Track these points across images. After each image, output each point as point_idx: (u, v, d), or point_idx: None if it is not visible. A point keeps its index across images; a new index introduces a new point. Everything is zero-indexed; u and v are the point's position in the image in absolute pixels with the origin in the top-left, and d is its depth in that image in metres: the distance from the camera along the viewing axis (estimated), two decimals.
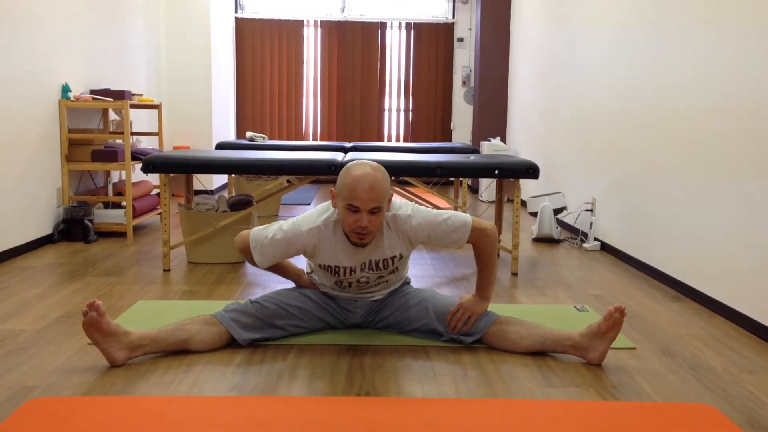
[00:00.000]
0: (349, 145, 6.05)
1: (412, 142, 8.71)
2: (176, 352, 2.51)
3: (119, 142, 5.48)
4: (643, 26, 4.07)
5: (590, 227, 4.79)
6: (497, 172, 3.84)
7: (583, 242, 4.90)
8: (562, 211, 5.12)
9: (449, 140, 9.19)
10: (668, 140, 3.72)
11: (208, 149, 6.07)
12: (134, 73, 6.32)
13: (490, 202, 7.39)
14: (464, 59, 9.05)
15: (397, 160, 3.91)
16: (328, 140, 8.96)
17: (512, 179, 3.97)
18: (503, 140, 7.88)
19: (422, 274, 3.94)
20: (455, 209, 3.98)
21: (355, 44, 8.99)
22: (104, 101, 4.86)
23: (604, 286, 3.71)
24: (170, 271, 3.90)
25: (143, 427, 1.91)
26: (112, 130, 5.51)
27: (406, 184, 8.34)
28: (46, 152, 4.58)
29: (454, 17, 9.02)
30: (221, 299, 3.30)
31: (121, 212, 4.94)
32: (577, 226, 5.18)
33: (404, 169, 3.87)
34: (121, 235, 5.00)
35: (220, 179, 7.96)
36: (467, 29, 8.99)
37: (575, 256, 4.51)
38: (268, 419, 1.98)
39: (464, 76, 9.02)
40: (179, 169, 3.83)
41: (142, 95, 5.70)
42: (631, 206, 4.22)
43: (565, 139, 5.67)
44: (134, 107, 5.27)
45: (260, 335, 2.60)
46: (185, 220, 4.10)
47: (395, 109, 9.18)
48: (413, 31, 9.02)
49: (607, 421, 2.01)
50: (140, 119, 6.40)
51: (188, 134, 7.60)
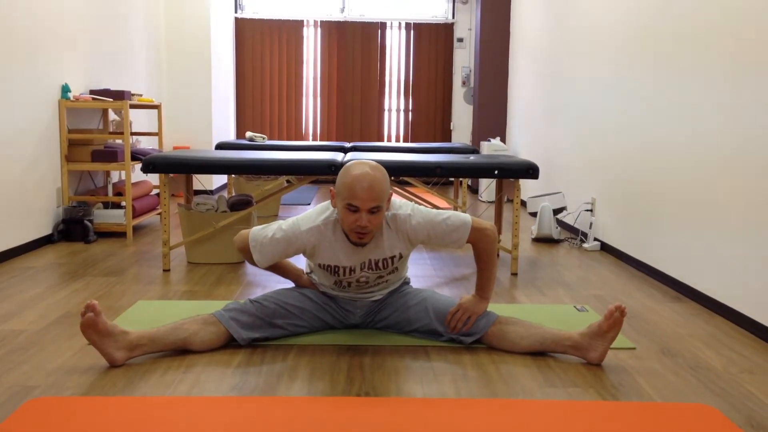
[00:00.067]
0: (348, 145, 6.05)
1: (411, 142, 8.72)
2: (176, 352, 2.51)
3: (119, 142, 5.48)
4: (642, 26, 4.07)
5: (590, 227, 4.79)
6: (497, 172, 3.84)
7: (582, 242, 4.90)
8: (561, 211, 5.12)
9: (449, 140, 9.19)
10: (668, 140, 3.72)
11: (207, 149, 6.07)
12: (134, 73, 6.32)
13: (489, 202, 7.40)
14: (464, 59, 9.05)
15: (396, 160, 3.91)
16: (327, 140, 8.95)
17: (512, 179, 3.97)
18: (503, 140, 7.89)
19: (422, 274, 3.94)
20: (455, 209, 3.98)
21: (354, 44, 9.00)
22: (104, 101, 4.86)
23: (603, 286, 3.71)
24: (170, 271, 3.90)
25: (143, 427, 1.91)
26: (111, 130, 5.51)
27: (405, 184, 8.34)
28: (45, 152, 4.58)
29: (453, 17, 9.02)
30: (221, 299, 3.30)
31: (120, 212, 4.94)
32: (576, 226, 5.18)
33: (404, 169, 3.87)
34: (120, 235, 5.00)
35: (219, 179, 7.96)
36: (467, 29, 8.99)
37: (575, 256, 4.51)
38: (268, 419, 1.98)
39: (464, 76, 9.02)
40: (179, 169, 3.83)
41: (141, 95, 5.70)
42: (630, 206, 4.22)
43: (564, 139, 5.67)
44: (134, 107, 5.27)
45: (260, 334, 2.60)
46: (185, 220, 4.10)
47: (395, 109, 9.18)
48: (413, 31, 9.02)
49: (607, 421, 2.01)
50: (140, 119, 6.40)
51: (188, 134, 7.60)
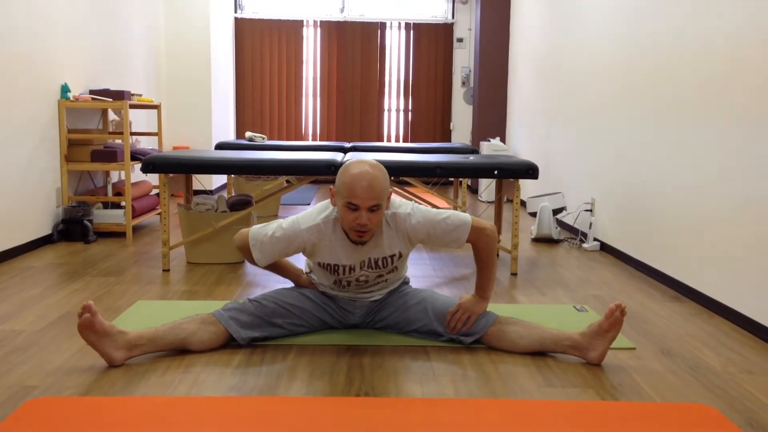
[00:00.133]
0: (348, 145, 6.05)
1: (411, 142, 8.72)
2: (175, 352, 2.51)
3: (118, 142, 5.48)
4: (643, 25, 4.07)
5: (590, 227, 4.79)
6: (497, 172, 3.84)
7: (582, 242, 4.90)
8: (561, 211, 5.12)
9: (449, 140, 9.19)
10: (668, 140, 3.72)
11: (207, 149, 6.07)
12: (133, 73, 6.32)
13: (489, 202, 7.39)
14: (464, 59, 9.05)
15: (396, 160, 3.91)
16: (327, 140, 8.95)
17: (512, 179, 3.97)
18: (503, 140, 7.89)
19: (421, 274, 3.94)
20: (455, 209, 3.98)
21: (354, 44, 9.00)
22: (103, 101, 4.85)
23: (603, 286, 3.71)
24: (169, 271, 3.90)
25: (143, 427, 1.91)
26: (111, 130, 5.51)
27: (405, 184, 8.34)
28: (45, 152, 4.58)
29: (453, 17, 9.02)
30: (221, 299, 3.30)
31: (120, 212, 4.94)
32: (576, 226, 5.18)
33: (404, 169, 3.87)
34: (120, 235, 5.00)
35: (219, 179, 7.96)
36: (467, 29, 8.99)
37: (574, 256, 4.51)
38: (267, 420, 1.98)
39: (464, 76, 9.02)
40: (178, 169, 3.83)
41: (141, 95, 5.70)
42: (630, 206, 4.22)
43: (564, 139, 5.67)
44: (133, 107, 5.27)
45: (259, 334, 2.60)
46: (185, 220, 4.10)
47: (395, 109, 9.18)
48: (413, 31, 9.02)
49: (606, 421, 2.01)
50: (139, 119, 6.40)
51: (188, 134, 7.60)
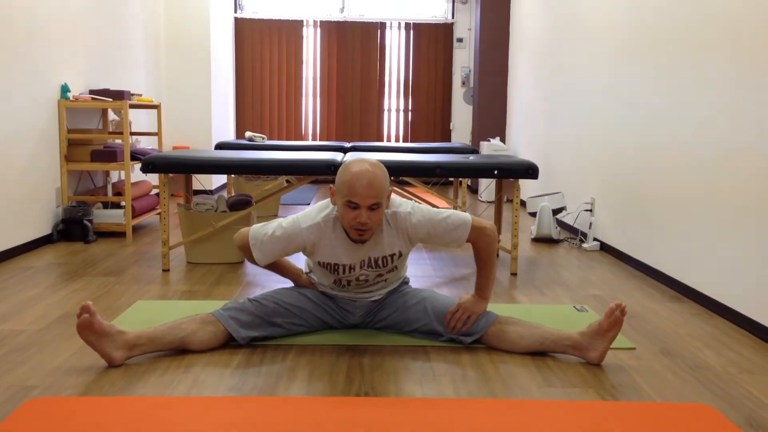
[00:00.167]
0: (348, 145, 6.05)
1: (411, 142, 8.71)
2: (175, 352, 2.51)
3: (118, 142, 5.47)
4: (642, 26, 4.07)
5: (589, 227, 4.79)
6: (496, 172, 3.84)
7: (582, 242, 4.90)
8: (561, 211, 5.12)
9: (449, 140, 9.19)
10: (668, 140, 3.72)
11: (207, 149, 6.07)
12: (133, 73, 6.32)
13: (489, 202, 7.39)
14: (464, 59, 9.05)
15: (396, 160, 3.91)
16: (327, 140, 8.95)
17: (512, 179, 3.97)
18: (503, 140, 7.88)
19: (421, 274, 3.94)
20: (455, 209, 3.98)
21: (354, 44, 8.99)
22: (103, 101, 4.85)
23: (603, 286, 3.71)
24: (169, 271, 3.90)
25: (142, 427, 1.91)
26: (111, 130, 5.50)
27: (405, 184, 8.34)
28: (45, 152, 4.58)
29: (453, 17, 9.02)
30: (220, 299, 3.30)
31: (120, 212, 4.94)
32: (576, 226, 5.18)
33: (404, 169, 3.87)
34: (120, 235, 5.00)
35: (219, 179, 7.96)
36: (467, 29, 8.99)
37: (574, 256, 4.51)
38: (267, 420, 1.98)
39: (464, 76, 9.02)
40: (178, 169, 3.82)
41: (141, 95, 5.70)
42: (630, 206, 4.22)
43: (564, 139, 5.67)
44: (133, 107, 5.27)
45: (259, 333, 2.60)
46: (184, 220, 4.10)
47: (395, 109, 9.18)
48: (413, 31, 9.02)
49: (606, 421, 2.01)
50: (139, 119, 6.40)
51: (187, 134, 7.60)
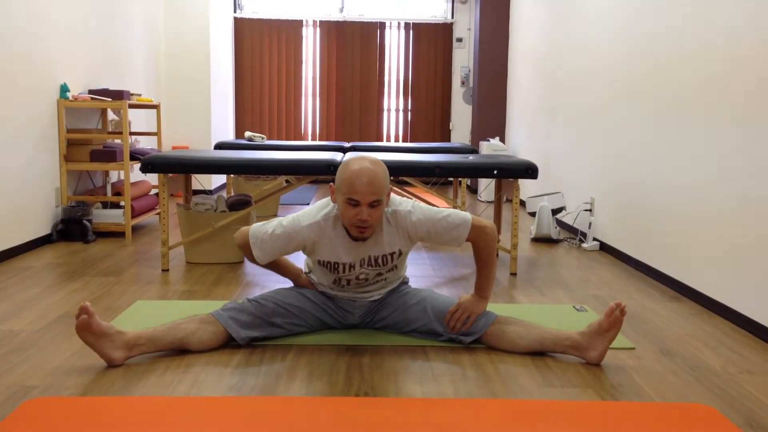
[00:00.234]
0: (348, 145, 6.05)
1: (411, 142, 8.71)
2: (175, 352, 2.51)
3: (118, 142, 5.47)
4: (642, 26, 4.07)
5: (589, 227, 4.79)
6: (496, 172, 3.84)
7: (582, 242, 4.90)
8: (561, 211, 5.12)
9: (448, 140, 9.19)
10: (668, 140, 3.72)
11: (206, 149, 6.07)
12: (133, 72, 6.32)
13: (489, 202, 7.40)
14: (463, 59, 9.05)
15: (396, 160, 3.91)
16: (327, 140, 8.95)
17: (511, 179, 3.97)
18: (502, 140, 7.88)
19: (421, 274, 3.94)
20: (454, 209, 3.98)
21: (354, 44, 8.99)
22: (103, 101, 4.85)
23: (603, 286, 3.71)
24: (169, 271, 3.90)
25: (142, 427, 1.91)
26: (110, 130, 5.50)
27: (405, 184, 8.33)
28: (44, 152, 4.57)
29: (453, 17, 9.02)
30: (220, 299, 3.29)
31: (119, 212, 4.94)
32: (576, 226, 5.18)
33: (403, 169, 3.86)
34: (119, 235, 4.99)
35: (218, 179, 7.95)
36: (466, 29, 8.99)
37: (574, 256, 4.51)
38: (266, 420, 1.97)
39: (463, 76, 9.02)
40: (178, 169, 3.82)
41: (140, 95, 5.69)
42: (630, 206, 4.22)
43: (564, 139, 5.67)
44: (133, 107, 5.27)
45: (258, 333, 2.59)
46: (184, 220, 4.09)
47: (394, 109, 9.18)
48: (412, 31, 9.02)
49: (606, 421, 2.01)
50: (139, 119, 6.40)
51: (187, 134, 7.59)
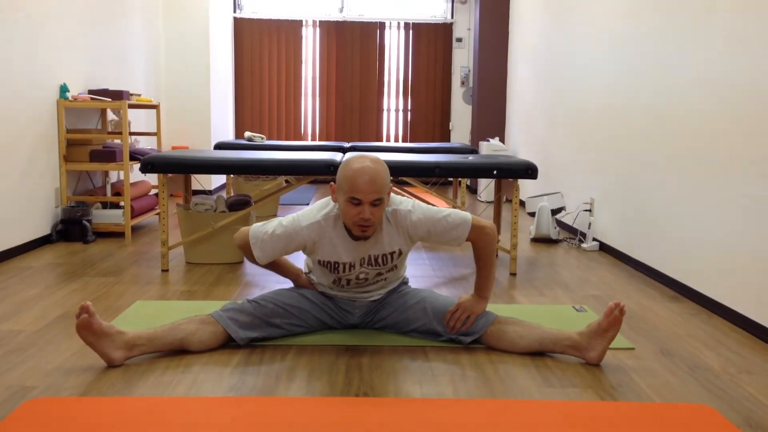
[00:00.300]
0: (347, 145, 6.05)
1: (410, 142, 8.71)
2: (174, 352, 2.51)
3: (117, 142, 5.47)
4: (642, 26, 4.07)
5: (589, 227, 4.79)
6: (496, 172, 3.84)
7: (581, 242, 4.90)
8: (560, 211, 5.12)
9: (448, 140, 9.19)
10: (667, 140, 3.72)
11: (206, 149, 6.07)
12: (133, 73, 6.32)
13: (488, 202, 7.40)
14: (463, 59, 9.05)
15: (395, 160, 3.91)
16: (326, 140, 8.95)
17: (511, 179, 3.97)
18: (502, 140, 7.89)
19: (420, 274, 3.94)
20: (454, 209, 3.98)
21: (353, 44, 8.99)
22: (102, 101, 4.85)
23: (602, 286, 3.71)
24: (168, 271, 3.90)
25: (141, 427, 1.91)
26: (110, 130, 5.50)
27: (404, 184, 8.34)
28: (44, 152, 4.57)
29: (452, 17, 9.03)
30: (219, 299, 3.30)
31: (119, 212, 4.94)
32: (575, 226, 5.18)
33: (403, 169, 3.86)
34: (119, 235, 4.99)
35: (218, 179, 7.95)
36: (466, 29, 8.99)
37: (574, 256, 4.51)
38: (266, 420, 1.98)
39: (463, 76, 9.02)
40: (178, 169, 3.82)
41: (140, 95, 5.69)
42: (629, 206, 4.22)
43: (563, 139, 5.67)
44: (132, 107, 5.27)
45: (258, 334, 2.60)
46: (184, 220, 4.10)
47: (394, 109, 9.18)
48: (412, 31, 9.02)
49: (605, 421, 2.01)
50: (138, 119, 6.40)
51: (187, 134, 7.59)
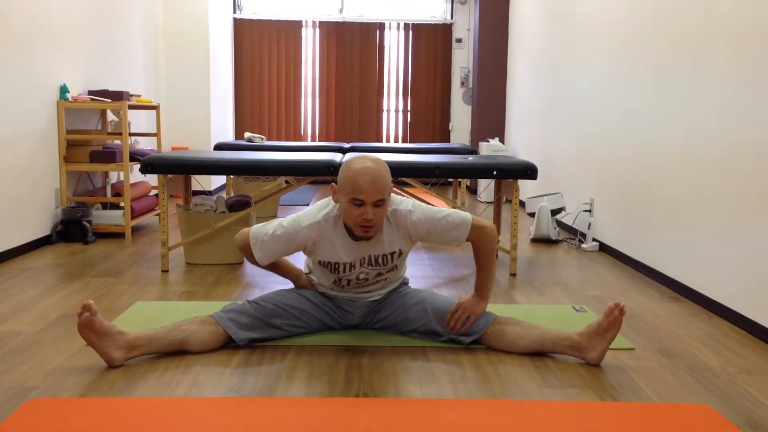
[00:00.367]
0: (347, 145, 6.05)
1: (410, 142, 8.72)
2: (174, 353, 2.51)
3: (117, 142, 5.47)
4: (642, 26, 4.07)
5: (588, 228, 4.79)
6: (496, 172, 3.84)
7: (581, 243, 4.90)
8: (560, 211, 5.12)
9: (448, 141, 9.19)
10: (666, 140, 3.72)
11: (206, 150, 6.07)
12: (132, 73, 6.32)
13: (488, 202, 7.40)
14: (462, 60, 9.05)
15: (395, 160, 3.91)
16: (326, 141, 8.96)
17: (511, 180, 3.97)
18: (502, 141, 7.89)
19: (420, 274, 3.94)
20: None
21: (353, 45, 9.00)
22: (102, 102, 4.85)
23: (602, 286, 3.71)
24: (168, 271, 3.90)
25: (141, 428, 1.91)
26: (110, 130, 5.50)
27: (404, 184, 8.34)
28: (44, 153, 4.57)
29: (452, 18, 9.03)
30: (219, 300, 3.30)
31: (119, 213, 4.94)
32: (575, 226, 5.18)
33: (403, 169, 3.87)
34: (119, 236, 4.99)
35: (218, 180, 7.95)
36: (465, 30, 8.99)
37: (573, 256, 4.51)
38: (266, 420, 1.98)
39: (462, 76, 9.03)
40: (178, 169, 3.82)
41: (140, 96, 5.69)
42: (629, 207, 4.23)
43: (563, 139, 5.68)
44: (132, 108, 5.27)
45: (258, 335, 2.60)
46: (184, 220, 4.10)
47: (393, 109, 9.18)
48: (411, 31, 9.02)
49: (605, 421, 2.01)
50: (138, 120, 6.40)
51: (186, 135, 7.59)
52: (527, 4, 6.91)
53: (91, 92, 5.06)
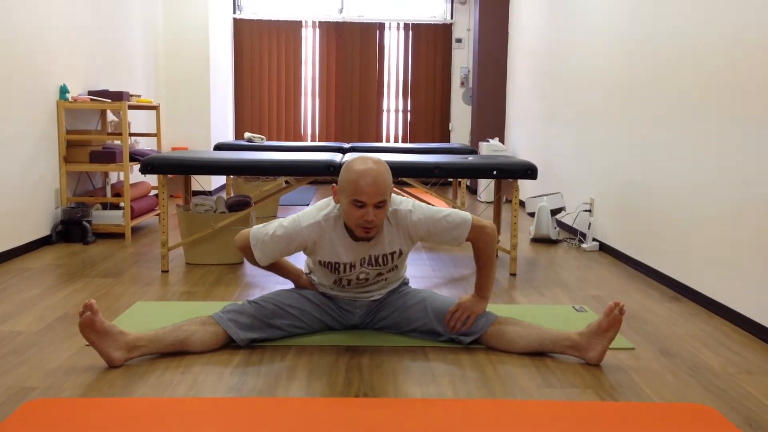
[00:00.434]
0: (347, 145, 6.05)
1: (410, 142, 8.72)
2: (174, 353, 2.51)
3: (117, 143, 5.47)
4: (642, 26, 4.07)
5: (588, 227, 4.79)
6: (495, 172, 3.84)
7: (581, 242, 4.90)
8: (560, 211, 5.12)
9: (448, 141, 9.19)
10: (666, 140, 3.72)
11: (206, 150, 6.07)
12: (132, 74, 6.32)
13: (488, 202, 7.40)
14: (462, 60, 9.05)
15: (395, 160, 3.91)
16: (326, 141, 8.96)
17: (511, 180, 3.97)
18: (502, 141, 7.89)
19: (421, 274, 3.94)
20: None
21: (353, 45, 9.00)
22: (102, 102, 4.85)
23: (602, 286, 3.71)
24: (168, 272, 3.90)
25: (142, 428, 1.91)
26: (110, 131, 5.50)
27: (404, 184, 8.34)
28: (44, 153, 4.57)
29: (452, 18, 9.03)
30: (219, 300, 3.30)
31: (119, 213, 4.94)
32: (575, 226, 5.18)
33: (403, 169, 3.87)
34: (119, 236, 4.99)
35: (218, 180, 7.95)
36: (465, 30, 8.99)
37: (573, 256, 4.51)
38: (266, 420, 1.98)
39: (462, 76, 9.03)
40: (177, 170, 3.82)
41: (140, 96, 5.69)
42: (629, 206, 4.23)
43: (563, 139, 5.68)
44: (132, 108, 5.27)
45: (258, 335, 2.60)
46: (183, 221, 4.10)
47: (393, 109, 9.18)
48: (411, 31, 9.02)
49: (605, 421, 2.01)
50: (138, 120, 6.40)
51: (186, 135, 7.59)
52: (527, 4, 6.91)
53: (91, 92, 5.06)
